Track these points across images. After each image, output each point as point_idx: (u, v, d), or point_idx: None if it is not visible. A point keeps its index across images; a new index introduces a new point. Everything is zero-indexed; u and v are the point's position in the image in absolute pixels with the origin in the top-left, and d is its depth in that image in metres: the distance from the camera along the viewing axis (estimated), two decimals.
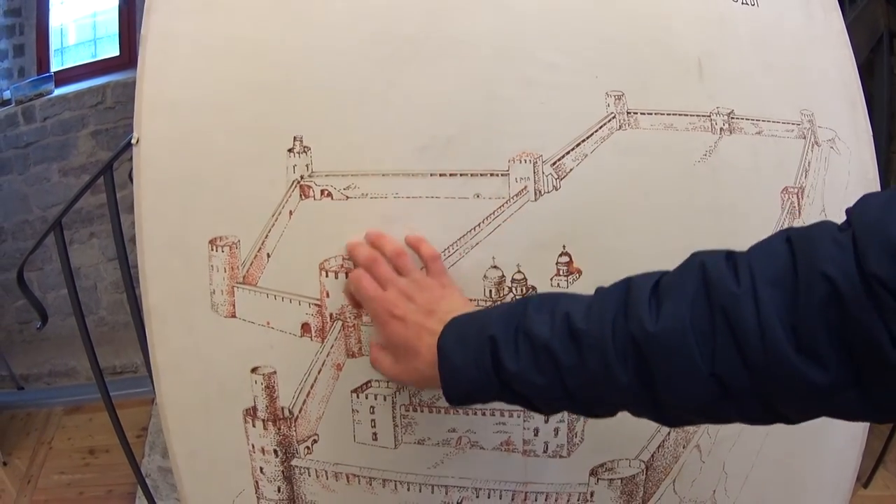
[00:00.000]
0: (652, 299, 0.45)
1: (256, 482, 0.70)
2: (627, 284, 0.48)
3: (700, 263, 0.44)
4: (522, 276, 0.67)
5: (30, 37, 2.74)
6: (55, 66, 2.74)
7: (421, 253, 0.65)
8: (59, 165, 2.59)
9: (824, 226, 0.42)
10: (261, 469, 0.70)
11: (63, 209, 1.35)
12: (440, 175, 0.67)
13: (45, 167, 2.61)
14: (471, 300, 0.67)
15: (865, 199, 0.42)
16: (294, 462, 0.69)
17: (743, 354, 0.41)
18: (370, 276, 0.61)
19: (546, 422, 0.68)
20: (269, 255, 0.68)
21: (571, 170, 0.68)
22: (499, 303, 0.54)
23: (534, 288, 0.67)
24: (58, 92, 2.61)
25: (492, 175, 0.67)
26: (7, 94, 2.62)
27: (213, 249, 0.68)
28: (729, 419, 0.45)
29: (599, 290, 0.50)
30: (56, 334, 2.47)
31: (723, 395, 0.43)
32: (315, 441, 0.69)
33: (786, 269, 0.41)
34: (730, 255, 0.44)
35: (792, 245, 0.42)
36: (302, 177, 0.67)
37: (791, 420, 0.44)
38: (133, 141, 0.70)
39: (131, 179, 0.70)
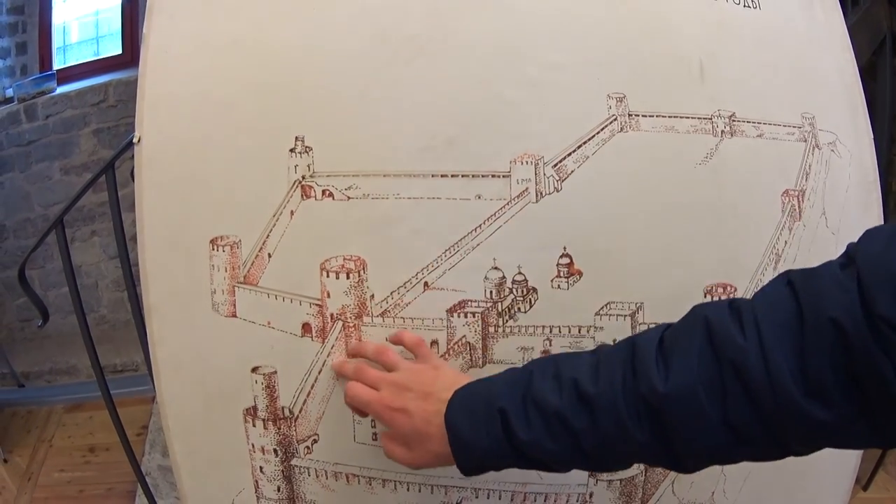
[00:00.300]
0: (658, 357, 0.46)
1: (256, 481, 0.70)
2: (632, 344, 0.48)
3: (704, 318, 0.45)
4: (523, 278, 0.67)
5: (32, 35, 2.74)
6: (57, 65, 2.74)
7: (405, 343, 0.65)
8: (61, 163, 2.60)
9: (825, 269, 0.42)
10: (260, 468, 0.70)
11: (65, 207, 1.35)
12: (441, 176, 0.67)
13: (46, 165, 2.61)
14: (470, 301, 0.67)
15: (868, 235, 0.42)
16: (294, 462, 0.69)
17: (754, 404, 0.42)
18: (362, 383, 0.62)
19: None
20: (270, 255, 0.68)
21: (573, 171, 0.68)
22: (501, 372, 0.55)
23: (534, 289, 0.67)
24: (60, 90, 2.61)
25: (493, 176, 0.67)
26: (9, 92, 2.62)
27: (214, 249, 0.68)
28: (745, 460, 0.47)
29: (602, 349, 0.51)
30: (57, 332, 2.47)
31: (737, 443, 0.44)
32: (315, 441, 0.69)
33: (791, 315, 0.42)
34: (732, 305, 0.45)
35: (795, 290, 0.43)
36: (303, 177, 0.67)
37: (802, 454, 0.45)
38: (134, 140, 0.70)
39: (133, 178, 0.70)
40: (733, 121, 0.74)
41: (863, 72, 0.86)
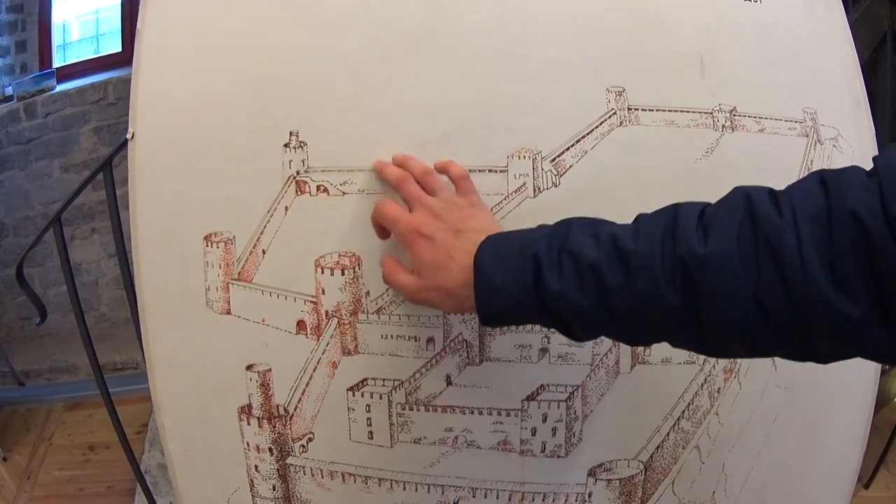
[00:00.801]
0: (699, 225, 0.46)
1: (251, 480, 0.70)
2: (674, 210, 0.48)
3: (745, 194, 0.46)
4: None
5: (32, 33, 2.74)
6: (57, 62, 2.74)
7: (450, 173, 0.64)
8: (61, 161, 2.59)
9: (854, 170, 0.43)
10: (256, 467, 0.69)
11: (62, 205, 1.35)
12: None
13: (46, 163, 2.61)
14: None
15: (891, 150, 0.43)
16: (289, 460, 0.69)
17: (785, 283, 0.42)
18: (400, 195, 0.62)
19: (544, 421, 0.67)
20: (264, 252, 0.67)
21: (571, 166, 0.67)
22: (538, 226, 0.54)
23: None
24: (60, 88, 2.61)
25: (490, 171, 0.67)
26: (9, 90, 2.62)
27: (208, 245, 0.68)
28: (766, 349, 0.46)
29: (641, 217, 0.50)
30: (57, 330, 2.48)
31: (763, 322, 0.44)
32: (310, 439, 0.68)
33: (820, 207, 0.43)
34: (771, 191, 0.46)
35: (826, 185, 0.43)
36: (298, 172, 0.67)
37: (821, 358, 0.45)
38: (128, 137, 0.70)
39: None
40: (734, 115, 0.73)
41: (863, 69, 0.85)
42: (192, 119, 0.68)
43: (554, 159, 0.67)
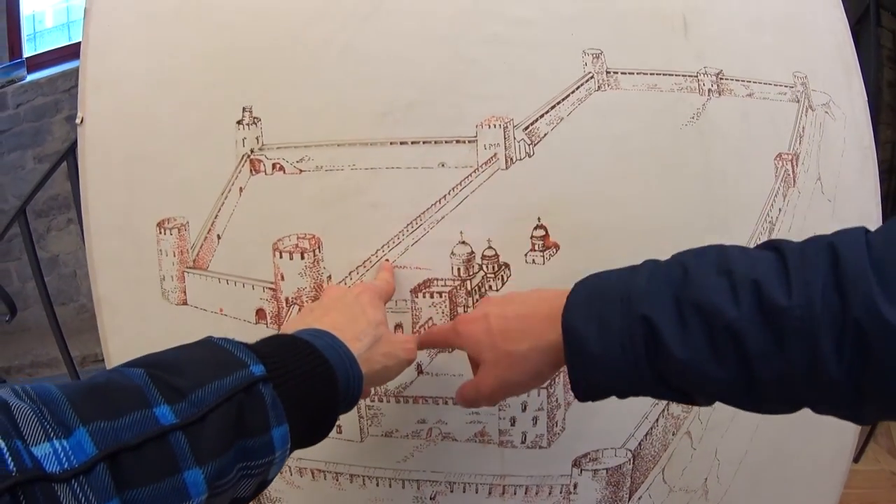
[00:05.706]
0: (876, 275, 0.34)
1: None
2: (832, 250, 0.36)
3: None
4: (494, 252, 0.62)
5: (0, 24, 2.67)
6: (29, 52, 2.68)
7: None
8: (34, 152, 2.53)
9: None
10: None
11: (25, 199, 1.31)
12: (401, 143, 0.62)
13: (19, 154, 2.54)
14: (436, 279, 0.62)
15: None
16: None
17: None
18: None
19: (523, 410, 0.63)
20: (219, 237, 0.63)
21: (546, 134, 0.62)
22: (637, 266, 0.42)
23: (506, 265, 0.62)
24: (30, 78, 2.54)
25: (458, 142, 0.62)
26: None
27: (161, 232, 0.65)
28: None
29: (784, 248, 0.38)
30: (37, 324, 2.43)
31: None
32: None
33: None
34: None
35: None
36: (252, 150, 0.62)
37: None
38: (77, 122, 0.68)
39: None
40: (721, 79, 0.68)
41: None
42: (142, 99, 0.66)
43: (527, 127, 0.62)
